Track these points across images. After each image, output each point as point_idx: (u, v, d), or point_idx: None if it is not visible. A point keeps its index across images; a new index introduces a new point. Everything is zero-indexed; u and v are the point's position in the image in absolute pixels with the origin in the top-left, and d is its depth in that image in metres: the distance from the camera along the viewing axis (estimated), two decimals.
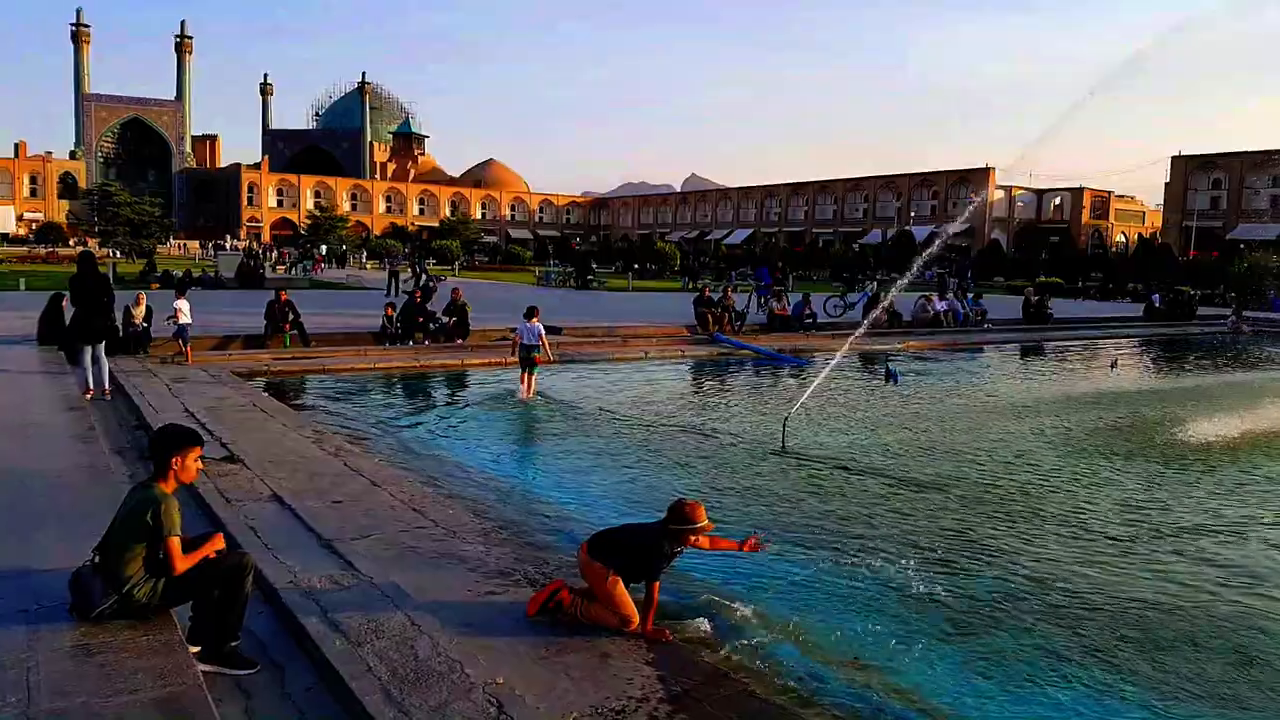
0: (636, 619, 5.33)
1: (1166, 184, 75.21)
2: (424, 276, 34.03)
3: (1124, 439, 12.83)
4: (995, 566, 7.53)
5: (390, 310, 20.05)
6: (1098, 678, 5.62)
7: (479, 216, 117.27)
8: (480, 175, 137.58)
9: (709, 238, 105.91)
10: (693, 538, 5.46)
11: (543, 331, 14.71)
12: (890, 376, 17.89)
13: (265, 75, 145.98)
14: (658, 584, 5.45)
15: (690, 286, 46.70)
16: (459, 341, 19.84)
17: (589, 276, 49.82)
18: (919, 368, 21.14)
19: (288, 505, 7.65)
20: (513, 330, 16.24)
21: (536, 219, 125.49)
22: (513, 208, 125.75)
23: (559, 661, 4.95)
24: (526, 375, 14.65)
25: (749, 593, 6.73)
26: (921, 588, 6.96)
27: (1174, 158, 74.23)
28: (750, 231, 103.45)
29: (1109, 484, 10.37)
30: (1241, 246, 59.98)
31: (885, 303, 24.04)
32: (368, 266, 48.81)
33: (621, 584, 5.35)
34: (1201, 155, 72.95)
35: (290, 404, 13.47)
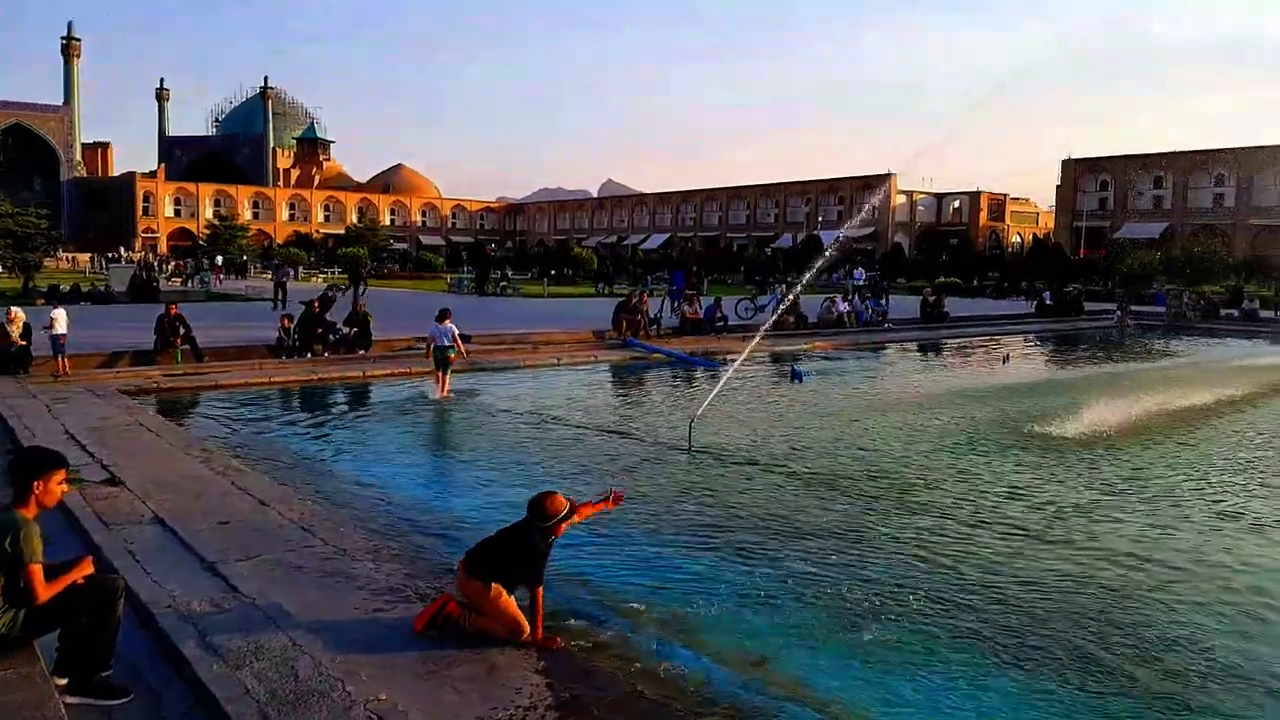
0: (526, 628, 5.32)
1: (1058, 186, 78.33)
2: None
3: (1011, 430, 13.29)
4: (887, 556, 7.72)
5: (287, 322, 19.48)
6: (974, 660, 5.82)
7: (388, 223, 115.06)
8: (389, 181, 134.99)
9: (626, 243, 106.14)
10: (563, 525, 5.52)
11: (456, 332, 15.45)
12: (795, 376, 18.29)
13: (161, 80, 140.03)
14: (541, 588, 5.46)
15: (606, 292, 46.72)
16: (360, 352, 19.43)
17: (503, 284, 49.40)
18: (824, 367, 21.61)
19: (170, 528, 7.40)
20: (419, 339, 16.77)
21: (449, 225, 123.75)
22: (424, 214, 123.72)
23: (446, 675, 4.90)
24: (441, 375, 15.29)
25: (644, 594, 6.77)
26: (817, 582, 7.10)
27: (1064, 161, 77.28)
28: (667, 236, 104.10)
29: (998, 474, 10.72)
30: (1127, 245, 62.89)
31: (786, 304, 24.41)
32: (268, 277, 47.43)
33: (505, 594, 5.33)
34: (1089, 158, 76.20)
35: (179, 422, 13.01)
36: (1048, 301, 40.39)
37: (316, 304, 20.19)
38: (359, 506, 8.97)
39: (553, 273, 65.28)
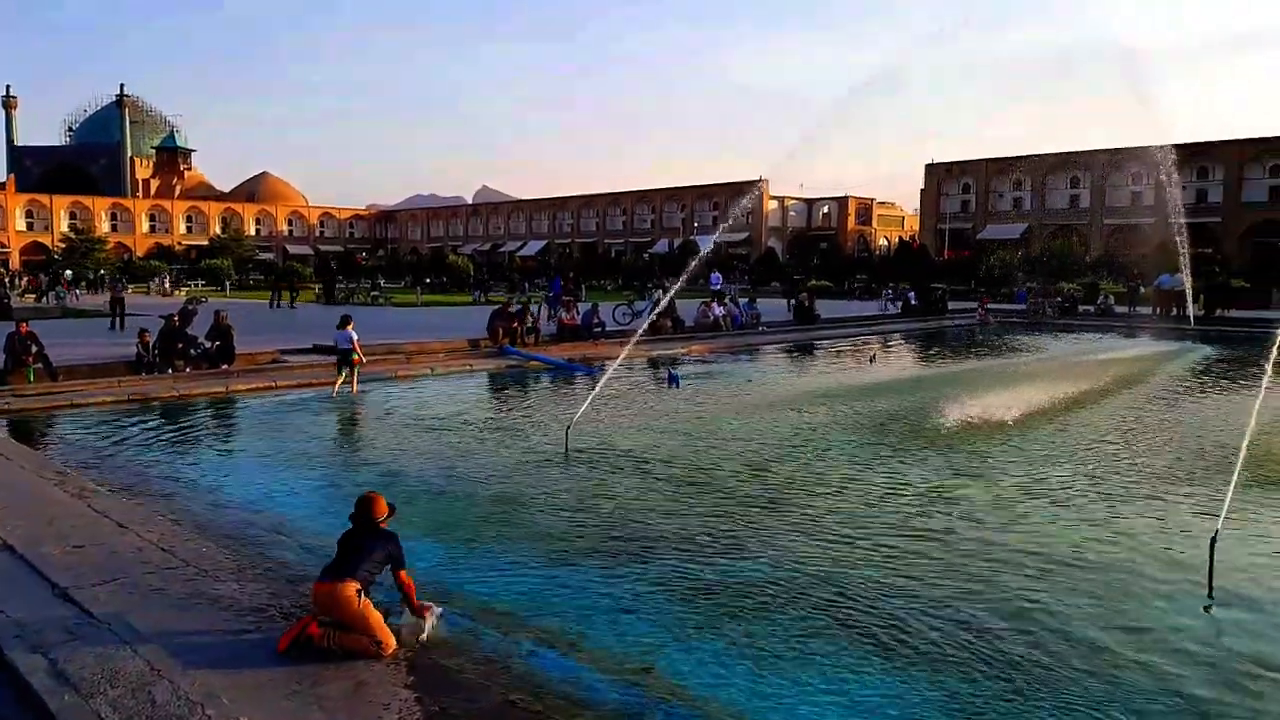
0: (391, 641, 5.28)
1: (922, 190, 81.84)
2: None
3: (879, 427, 13.87)
4: (761, 555, 7.95)
5: (146, 336, 18.58)
6: (844, 652, 6.06)
7: (253, 233, 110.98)
8: (254, 190, 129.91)
9: (503, 250, 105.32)
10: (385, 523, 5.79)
11: (355, 337, 16.61)
12: (672, 380, 18.56)
13: (8, 88, 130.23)
14: (403, 570, 5.65)
15: (483, 300, 46.26)
16: (224, 367, 18.69)
17: (374, 293, 48.28)
18: (701, 370, 22.01)
19: (20, 554, 7.01)
20: (284, 352, 18.32)
21: (317, 234, 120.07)
22: (290, 223, 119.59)
23: (312, 694, 4.82)
24: (343, 374, 16.52)
25: (515, 602, 6.80)
26: (692, 583, 7.27)
27: (928, 165, 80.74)
28: (544, 243, 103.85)
29: (868, 470, 11.16)
30: (989, 245, 66.18)
31: (661, 308, 24.67)
32: (129, 290, 44.85)
33: (370, 604, 5.30)
34: (951, 163, 79.85)
35: (32, 445, 12.28)
36: (913, 301, 42.15)
37: (176, 318, 19.33)
38: (223, 525, 8.68)
39: (428, 281, 64.22)
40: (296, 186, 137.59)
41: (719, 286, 41.15)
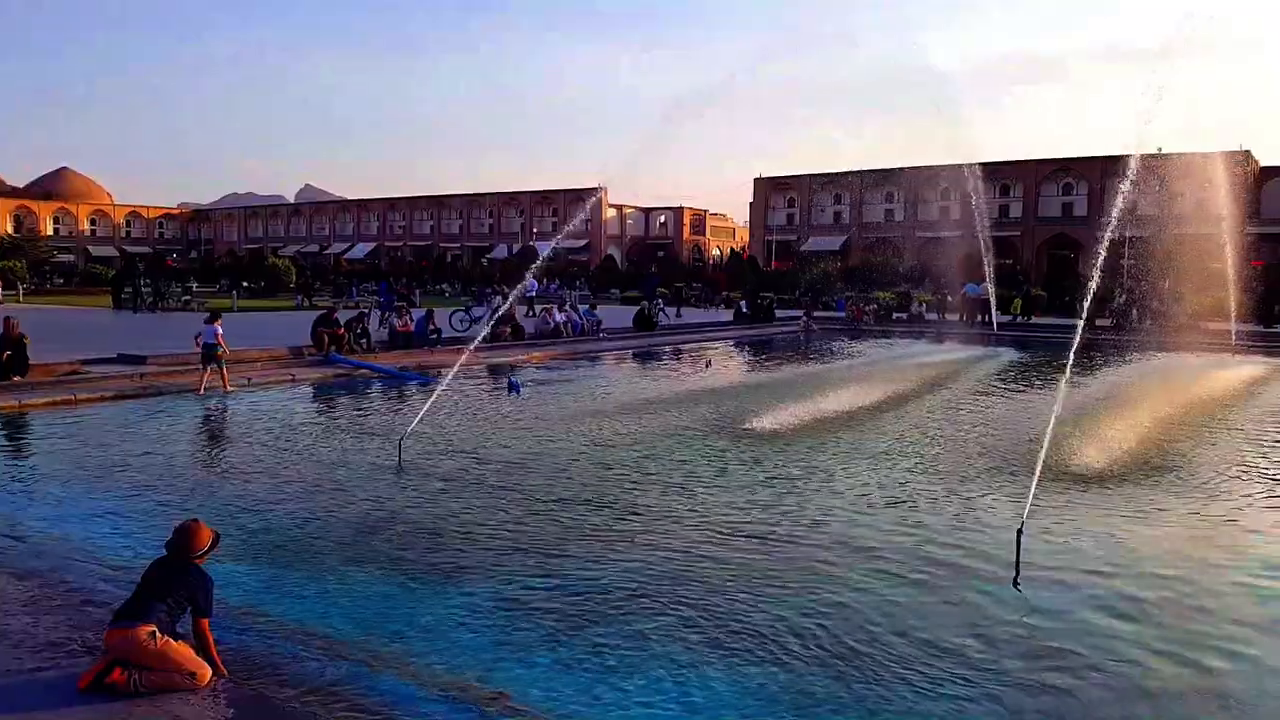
0: (206, 671, 4.91)
1: (750, 203, 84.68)
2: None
3: (713, 429, 14.15)
4: (600, 562, 7.93)
5: None
6: (685, 653, 6.12)
7: (51, 232, 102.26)
8: (51, 186, 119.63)
9: (328, 252, 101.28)
10: (206, 556, 5.36)
11: (220, 332, 17.23)
12: (512, 388, 18.30)
13: None
14: (207, 620, 5.17)
15: (307, 305, 44.32)
16: (15, 379, 17.01)
17: (185, 298, 45.28)
18: (542, 377, 21.84)
19: None
20: (86, 362, 18.06)
21: (123, 234, 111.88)
22: (93, 222, 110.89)
23: None
24: (210, 371, 17.09)
25: (346, 623, 6.49)
26: (530, 594, 7.16)
27: (756, 179, 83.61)
28: (374, 245, 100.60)
29: (703, 472, 11.36)
30: (812, 256, 69.20)
31: (500, 314, 24.38)
32: None
33: (171, 641, 4.90)
34: (778, 177, 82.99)
35: None
36: (744, 310, 43.47)
37: None
38: (15, 553, 7.85)
39: (245, 285, 60.94)
40: (103, 184, 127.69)
41: (534, 293, 40.86)
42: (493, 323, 23.24)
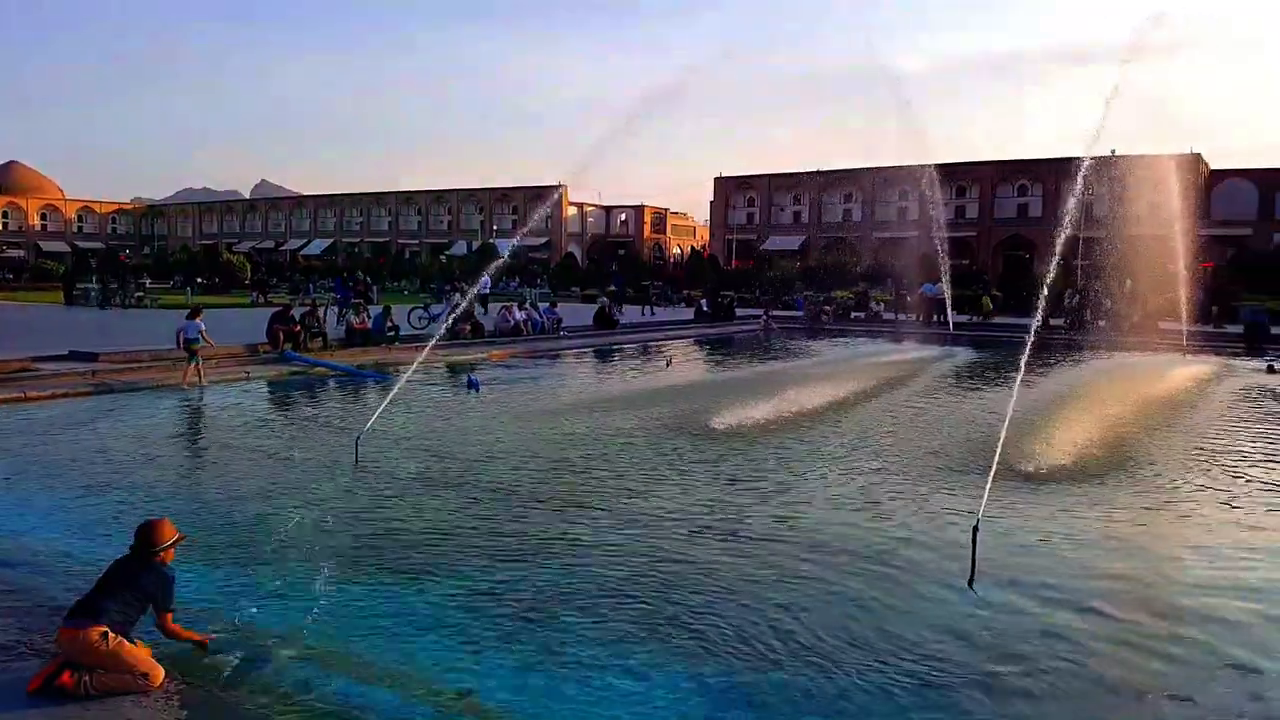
0: (159, 673, 4.83)
1: (711, 202, 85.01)
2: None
3: (673, 428, 14.16)
4: (556, 561, 7.92)
5: None
6: (644, 652, 6.12)
7: (0, 228, 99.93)
8: (0, 180, 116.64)
9: (285, 248, 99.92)
10: (170, 552, 5.30)
11: (203, 327, 17.95)
12: (471, 386, 18.21)
13: None
14: (170, 613, 5.14)
15: (262, 301, 43.68)
16: None
17: (139, 294, 44.43)
18: (501, 375, 21.73)
19: None
20: (37, 359, 18.16)
21: (74, 229, 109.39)
22: (44, 216, 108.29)
23: None
24: (191, 365, 17.58)
25: (302, 624, 6.41)
26: (489, 594, 7.12)
27: (716, 179, 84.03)
28: (331, 242, 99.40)
29: (660, 470, 11.37)
30: (771, 256, 69.64)
31: (459, 312, 24.20)
32: None
33: (125, 642, 4.81)
34: (738, 176, 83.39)
35: None
36: (705, 308, 43.61)
37: None
38: None
39: (200, 281, 59.91)
40: (54, 179, 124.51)
41: (487, 290, 40.62)
42: (452, 320, 23.07)
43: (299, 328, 23.02)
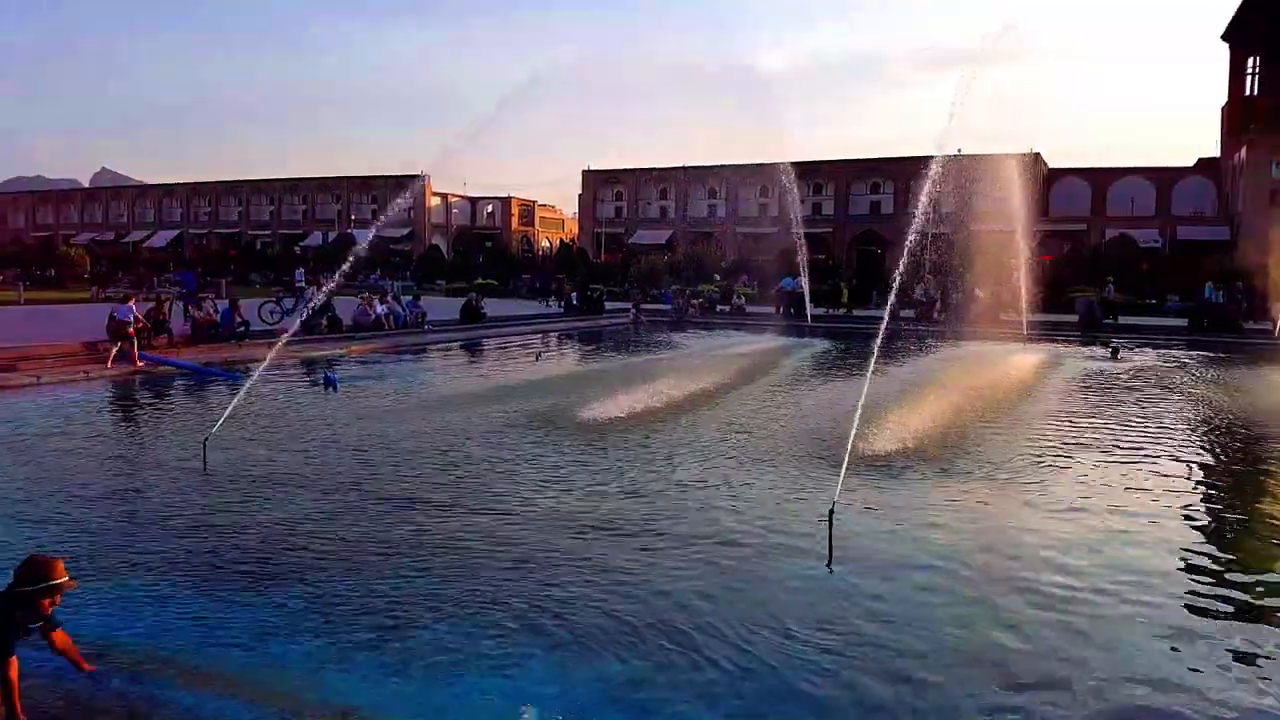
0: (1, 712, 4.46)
1: (580, 195, 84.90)
2: None
3: (540, 423, 14.09)
4: (424, 562, 7.76)
5: None
6: (514, 652, 6.06)
7: None
8: None
9: (127, 240, 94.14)
10: (48, 599, 4.74)
11: (135, 312, 19.37)
12: (328, 383, 17.51)
13: None
14: (14, 659, 4.65)
15: (102, 297, 41.04)
16: None
17: None
18: (362, 372, 21.12)
19: None
20: None
21: None
22: None
23: None
24: (125, 347, 18.71)
25: (152, 637, 6.06)
26: (348, 600, 6.91)
27: (584, 172, 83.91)
28: (177, 233, 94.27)
29: (527, 466, 11.27)
30: (639, 249, 70.14)
31: (314, 306, 23.26)
32: None
33: None
34: (606, 170, 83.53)
35: None
36: (574, 302, 43.59)
37: None
38: None
39: (37, 272, 55.99)
40: None
41: (302, 282, 39.50)
42: (307, 314, 22.20)
43: (142, 324, 21.72)
